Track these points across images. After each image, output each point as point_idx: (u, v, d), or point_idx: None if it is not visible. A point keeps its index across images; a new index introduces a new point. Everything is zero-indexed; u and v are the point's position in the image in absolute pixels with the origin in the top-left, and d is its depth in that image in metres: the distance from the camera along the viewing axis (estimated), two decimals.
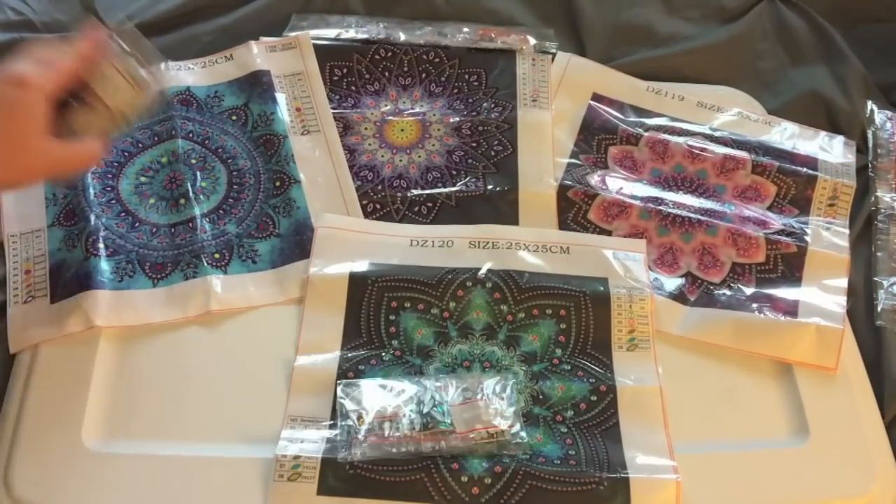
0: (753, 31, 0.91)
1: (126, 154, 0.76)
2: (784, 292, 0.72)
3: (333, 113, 0.80)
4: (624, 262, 0.72)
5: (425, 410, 0.62)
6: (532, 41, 0.86)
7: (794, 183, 0.79)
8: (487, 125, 0.81)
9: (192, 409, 0.64)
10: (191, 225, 0.72)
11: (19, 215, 0.72)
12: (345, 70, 0.84)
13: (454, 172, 0.78)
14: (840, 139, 0.84)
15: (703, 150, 0.80)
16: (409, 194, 0.77)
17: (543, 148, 0.80)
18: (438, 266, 0.71)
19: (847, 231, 0.76)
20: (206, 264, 0.70)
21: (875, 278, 0.75)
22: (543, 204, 0.77)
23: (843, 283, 0.73)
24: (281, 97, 0.80)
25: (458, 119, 0.81)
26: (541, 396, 0.65)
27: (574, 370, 0.67)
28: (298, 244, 0.72)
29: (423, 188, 0.77)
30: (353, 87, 0.84)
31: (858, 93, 0.87)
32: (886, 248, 0.77)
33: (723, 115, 0.84)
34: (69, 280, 0.68)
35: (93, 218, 0.71)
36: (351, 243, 0.72)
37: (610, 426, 0.64)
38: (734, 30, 0.91)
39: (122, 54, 0.58)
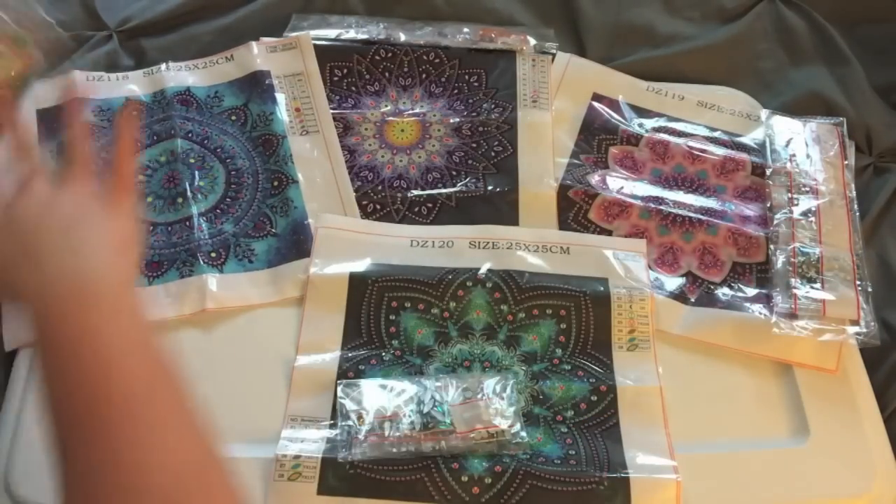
0: (753, 31, 0.91)
1: None
2: None
3: (333, 113, 0.80)
4: (624, 261, 0.72)
5: (425, 410, 0.62)
6: (532, 41, 0.86)
7: None
8: (487, 126, 0.81)
9: None
10: (188, 224, 0.72)
11: None
12: (345, 70, 0.84)
13: (454, 173, 0.78)
14: None
15: (703, 151, 0.80)
16: (409, 195, 0.76)
17: (543, 149, 0.80)
18: (439, 266, 0.71)
19: None
20: (202, 263, 0.70)
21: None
22: (543, 204, 0.76)
23: None
24: (280, 97, 0.80)
25: (458, 120, 0.81)
26: (541, 396, 0.65)
27: (574, 370, 0.67)
28: (295, 244, 0.72)
29: (423, 189, 0.77)
30: (354, 88, 0.83)
31: (858, 93, 0.87)
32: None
33: (723, 115, 0.84)
34: None
35: None
36: (351, 243, 0.72)
37: (610, 426, 0.64)
38: (734, 30, 0.91)
39: None
